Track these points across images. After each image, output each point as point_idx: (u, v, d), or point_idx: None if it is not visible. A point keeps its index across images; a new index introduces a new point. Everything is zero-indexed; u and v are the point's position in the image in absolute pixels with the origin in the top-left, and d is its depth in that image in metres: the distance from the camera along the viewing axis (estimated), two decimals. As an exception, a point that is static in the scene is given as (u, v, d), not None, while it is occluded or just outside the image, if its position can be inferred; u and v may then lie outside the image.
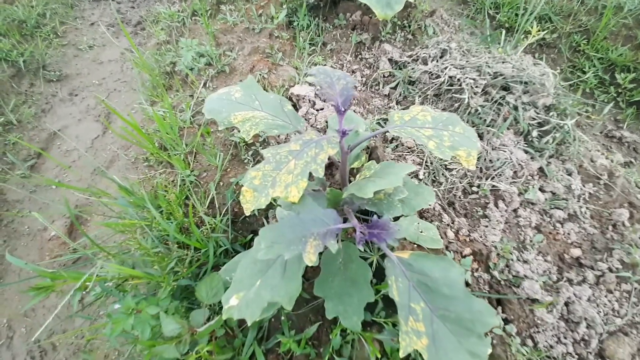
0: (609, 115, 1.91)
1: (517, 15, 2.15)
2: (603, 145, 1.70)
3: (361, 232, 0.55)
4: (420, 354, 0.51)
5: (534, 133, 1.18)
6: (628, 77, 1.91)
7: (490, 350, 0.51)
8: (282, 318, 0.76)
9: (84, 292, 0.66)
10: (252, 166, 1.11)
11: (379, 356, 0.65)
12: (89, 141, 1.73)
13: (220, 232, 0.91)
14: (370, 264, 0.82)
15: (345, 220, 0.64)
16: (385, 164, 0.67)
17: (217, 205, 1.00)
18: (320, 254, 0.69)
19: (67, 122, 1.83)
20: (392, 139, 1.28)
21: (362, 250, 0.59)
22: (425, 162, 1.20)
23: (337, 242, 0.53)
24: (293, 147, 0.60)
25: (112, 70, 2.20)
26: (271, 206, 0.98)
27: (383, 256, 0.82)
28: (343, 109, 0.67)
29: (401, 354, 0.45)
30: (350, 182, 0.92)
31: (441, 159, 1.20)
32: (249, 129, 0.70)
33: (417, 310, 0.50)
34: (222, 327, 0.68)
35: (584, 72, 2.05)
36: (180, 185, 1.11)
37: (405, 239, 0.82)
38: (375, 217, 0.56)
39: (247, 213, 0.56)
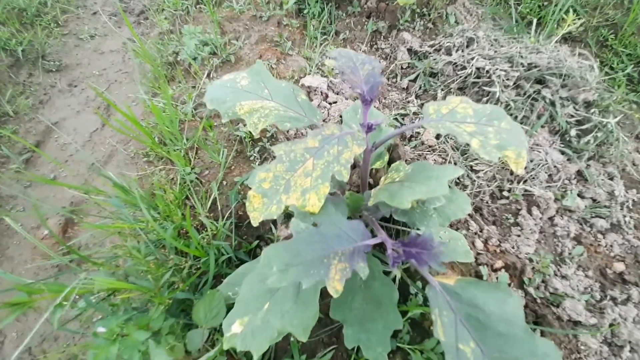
0: (638, 114, 1.77)
1: (539, 7, 2.01)
2: (635, 148, 1.57)
3: (395, 251, 0.45)
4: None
5: (573, 132, 1.06)
6: (659, 74, 1.75)
7: (557, 404, 0.40)
8: (292, 339, 0.66)
9: (65, 308, 0.57)
10: (258, 164, 1.01)
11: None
12: (87, 134, 1.64)
13: (223, 238, 0.82)
14: (393, 279, 0.71)
15: (371, 233, 0.54)
16: (418, 164, 0.56)
17: (219, 207, 0.90)
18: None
19: (65, 114, 1.75)
20: (411, 136, 1.17)
21: (394, 271, 0.48)
22: (448, 162, 1.09)
23: (366, 263, 0.42)
24: (311, 144, 0.50)
25: (113, 61, 2.11)
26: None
27: (410, 274, 0.72)
28: (369, 98, 0.56)
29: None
30: (369, 185, 0.81)
31: (466, 159, 1.08)
32: (257, 122, 0.59)
33: (466, 353, 0.40)
34: (222, 355, 0.59)
35: (612, 68, 1.91)
36: (180, 184, 1.02)
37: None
38: (413, 233, 0.46)
39: (255, 224, 0.46)
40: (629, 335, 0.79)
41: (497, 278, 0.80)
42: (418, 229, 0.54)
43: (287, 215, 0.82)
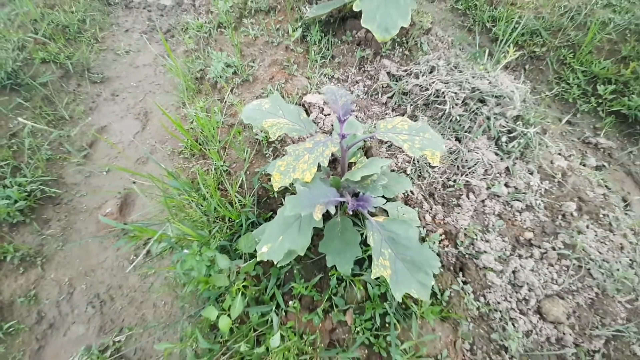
0: (588, 124, 2.13)
1: (514, 29, 2.37)
2: (579, 150, 1.93)
3: (352, 203, 0.82)
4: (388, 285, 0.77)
5: (503, 138, 1.43)
6: (609, 88, 2.12)
7: (433, 282, 0.78)
8: (295, 271, 1.04)
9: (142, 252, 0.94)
10: (272, 159, 1.40)
11: (363, 296, 0.92)
12: (130, 136, 2.04)
13: (249, 209, 1.19)
14: (362, 235, 1.09)
15: (341, 196, 0.92)
16: (372, 159, 0.94)
17: (245, 189, 1.28)
18: (325, 221, 0.97)
19: (111, 119, 2.15)
20: (387, 141, 1.55)
21: (353, 224, 0.86)
22: (413, 160, 1.46)
23: (336, 211, 0.80)
24: (307, 145, 0.88)
25: (146, 74, 2.50)
26: (286, 190, 1.26)
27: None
28: (343, 119, 0.94)
29: (372, 276, 0.72)
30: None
31: (425, 158, 1.46)
32: (275, 132, 0.97)
33: (385, 254, 0.77)
34: (254, 270, 0.96)
35: (568, 84, 2.28)
36: (214, 174, 1.40)
37: (385, 212, 1.09)
38: (361, 194, 0.83)
39: (276, 189, 0.84)
40: (525, 278, 1.16)
41: (432, 236, 1.17)
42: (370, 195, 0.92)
43: (290, 193, 1.20)
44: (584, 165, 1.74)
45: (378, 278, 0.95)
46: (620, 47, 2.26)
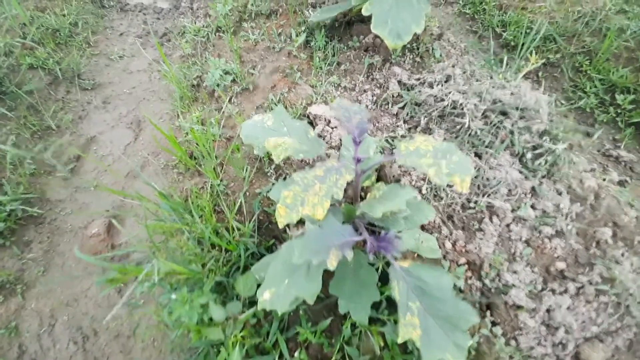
0: (607, 135, 2.01)
1: (522, 34, 2.25)
2: (600, 163, 1.80)
3: (372, 244, 0.69)
4: (415, 346, 0.64)
5: (528, 155, 1.30)
6: (628, 98, 1.99)
7: (470, 342, 0.64)
8: (301, 312, 0.90)
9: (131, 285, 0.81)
10: (274, 179, 1.26)
11: (382, 345, 0.79)
12: (122, 147, 1.90)
13: (248, 237, 1.06)
14: (377, 269, 0.95)
15: (358, 232, 0.78)
16: (391, 187, 0.81)
17: (244, 213, 1.15)
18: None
19: (101, 129, 2.01)
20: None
21: (371, 258, 0.72)
22: (428, 179, 1.33)
23: (352, 251, 0.67)
24: (318, 173, 0.74)
25: (140, 80, 2.38)
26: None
27: (388, 264, 0.96)
28: (359, 140, 0.81)
29: (399, 340, 0.59)
30: (360, 197, 1.06)
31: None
32: (280, 153, 0.84)
33: (413, 308, 0.64)
34: (254, 317, 0.82)
35: (585, 92, 2.15)
36: (210, 193, 1.27)
37: (407, 249, 0.95)
38: (383, 232, 0.70)
39: (281, 226, 0.70)
40: (562, 318, 1.02)
41: (455, 270, 1.04)
42: (389, 230, 0.78)
43: (299, 221, 1.07)
44: (604, 180, 1.61)
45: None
46: (639, 55, 2.15)
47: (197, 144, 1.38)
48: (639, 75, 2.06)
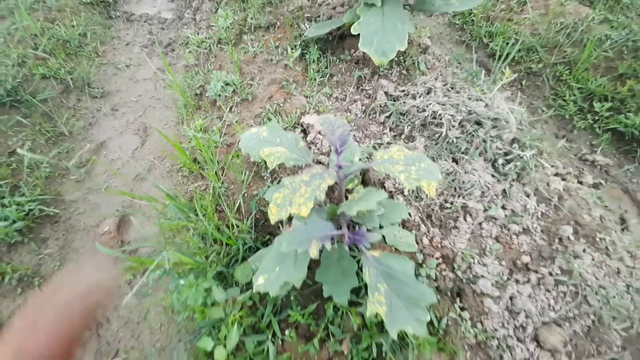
0: (584, 140, 2.15)
1: (507, 44, 2.40)
2: (576, 167, 1.94)
3: (348, 237, 0.83)
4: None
5: (500, 161, 1.44)
6: (605, 105, 2.13)
7: (428, 318, 0.78)
8: (292, 298, 1.04)
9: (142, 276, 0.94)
10: (270, 182, 1.40)
11: (361, 324, 0.92)
12: (130, 152, 2.05)
13: (246, 233, 1.20)
14: (358, 261, 1.09)
15: (339, 229, 0.92)
16: (368, 190, 0.95)
17: (243, 212, 1.29)
18: (321, 251, 0.97)
19: (110, 135, 2.16)
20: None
21: (349, 250, 0.86)
22: (410, 181, 1.47)
23: (333, 243, 0.81)
24: (304, 178, 0.88)
25: (146, 88, 2.52)
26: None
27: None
28: (340, 150, 0.95)
29: (367, 314, 0.73)
30: (346, 198, 1.21)
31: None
32: (273, 161, 0.98)
33: (381, 289, 0.78)
34: (250, 300, 0.96)
35: (565, 100, 2.30)
36: (212, 195, 1.41)
37: (385, 242, 1.09)
38: (358, 227, 0.84)
39: (273, 222, 0.84)
40: (523, 305, 1.16)
41: (429, 262, 1.17)
42: (367, 226, 0.92)
43: (289, 219, 1.21)
44: (581, 182, 1.74)
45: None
46: (617, 64, 2.29)
47: (200, 150, 1.52)
48: (616, 84, 2.20)
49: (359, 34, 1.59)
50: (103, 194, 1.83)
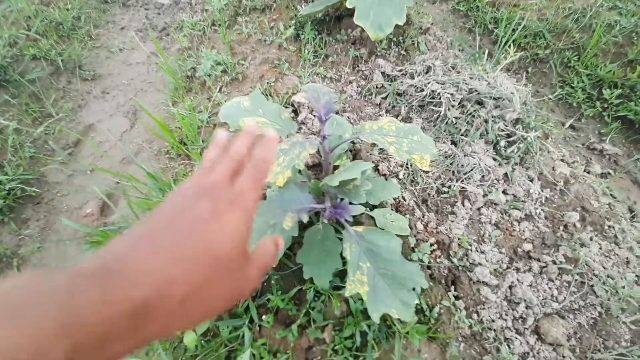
0: (593, 129, 2.04)
1: (514, 30, 2.28)
2: (584, 156, 1.84)
3: (329, 210, 0.75)
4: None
5: (502, 143, 1.35)
6: (614, 93, 2.03)
7: (416, 301, 0.70)
8: (272, 282, 0.96)
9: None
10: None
11: (345, 311, 0.84)
12: (118, 134, 1.98)
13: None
14: (341, 240, 1.01)
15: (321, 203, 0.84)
16: (354, 162, 0.86)
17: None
18: (304, 229, 0.89)
19: (100, 117, 2.09)
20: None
21: (335, 231, 0.78)
22: (406, 164, 1.38)
23: (318, 218, 0.73)
24: (283, 147, 0.80)
25: (139, 72, 2.46)
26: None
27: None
28: (325, 119, 0.87)
29: (347, 294, 0.65)
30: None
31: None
32: (253, 131, 0.90)
33: (363, 268, 0.70)
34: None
35: (573, 87, 2.19)
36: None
37: (375, 225, 1.01)
38: (339, 200, 0.76)
39: (247, 193, 0.76)
40: (523, 294, 1.07)
41: (421, 247, 1.09)
42: (352, 202, 0.84)
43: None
44: (589, 172, 1.65)
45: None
46: (627, 51, 2.17)
47: (185, 130, 1.44)
48: (626, 70, 2.09)
49: (354, 9, 1.50)
50: (88, 176, 1.77)
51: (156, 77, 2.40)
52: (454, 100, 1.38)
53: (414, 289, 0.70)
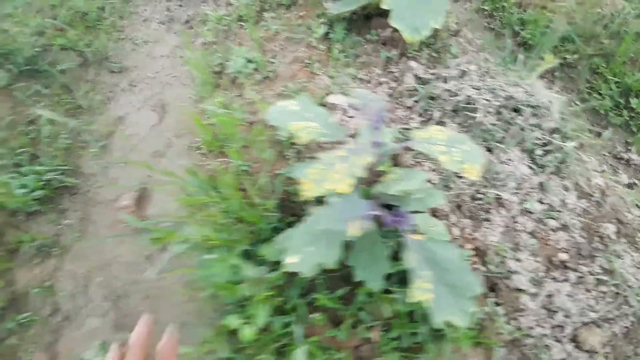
0: (619, 138, 2.03)
1: (540, 33, 2.25)
2: (610, 165, 1.83)
3: (390, 219, 0.77)
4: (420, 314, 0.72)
5: (538, 151, 1.35)
6: (642, 102, 1.99)
7: (473, 309, 0.72)
8: (319, 281, 1.00)
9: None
10: (294, 162, 1.35)
11: (393, 313, 0.87)
12: (147, 128, 2.01)
13: (271, 212, 1.15)
14: (388, 247, 1.03)
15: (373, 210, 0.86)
16: (406, 171, 0.88)
17: (266, 191, 1.24)
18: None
19: (128, 110, 2.12)
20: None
21: (382, 235, 0.80)
22: (438, 170, 1.40)
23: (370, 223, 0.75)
24: (340, 154, 0.82)
25: (164, 65, 2.46)
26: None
27: (398, 243, 1.04)
28: (377, 127, 0.89)
29: (411, 299, 0.67)
30: (375, 180, 1.14)
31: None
32: (304, 136, 0.92)
33: (425, 276, 0.72)
34: (278, 280, 0.92)
35: (600, 94, 2.16)
36: (234, 172, 1.36)
37: (418, 228, 1.03)
38: (397, 209, 0.78)
39: (305, 198, 0.79)
40: (562, 303, 1.09)
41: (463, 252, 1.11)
42: (402, 208, 0.86)
43: (317, 201, 1.15)
44: (616, 182, 1.65)
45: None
46: (655, 60, 2.13)
47: (220, 127, 1.46)
48: (654, 80, 2.05)
49: (388, 12, 1.49)
50: (121, 168, 1.81)
51: (181, 71, 2.40)
52: (490, 107, 1.38)
53: (471, 297, 0.73)
